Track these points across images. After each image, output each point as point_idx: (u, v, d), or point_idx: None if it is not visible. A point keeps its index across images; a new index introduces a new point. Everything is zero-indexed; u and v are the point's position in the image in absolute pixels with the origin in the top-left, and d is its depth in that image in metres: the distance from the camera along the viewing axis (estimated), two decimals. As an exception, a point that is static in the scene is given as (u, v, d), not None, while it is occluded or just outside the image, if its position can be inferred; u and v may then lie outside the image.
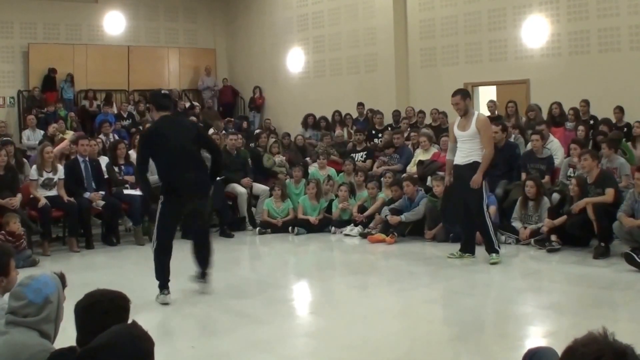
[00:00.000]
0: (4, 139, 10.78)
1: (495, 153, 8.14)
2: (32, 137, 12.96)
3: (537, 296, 6.11)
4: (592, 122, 10.76)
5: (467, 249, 7.49)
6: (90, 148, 9.11)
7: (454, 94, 7.31)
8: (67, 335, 2.78)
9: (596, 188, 7.56)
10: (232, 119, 16.51)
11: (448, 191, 7.71)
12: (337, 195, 9.79)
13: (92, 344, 2.30)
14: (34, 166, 8.56)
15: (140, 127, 14.13)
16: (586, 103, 11.01)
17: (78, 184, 8.75)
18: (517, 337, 4.87)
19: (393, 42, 14.62)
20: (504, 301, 5.94)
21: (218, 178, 9.61)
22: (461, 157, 7.27)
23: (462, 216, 7.51)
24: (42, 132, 13.18)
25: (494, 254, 7.22)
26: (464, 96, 7.25)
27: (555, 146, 9.44)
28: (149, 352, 2.30)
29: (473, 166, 7.17)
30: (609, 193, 7.41)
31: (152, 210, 9.23)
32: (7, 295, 3.06)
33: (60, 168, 8.72)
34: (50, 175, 8.55)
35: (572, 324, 4.96)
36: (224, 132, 13.66)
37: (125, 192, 9.08)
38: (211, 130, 13.92)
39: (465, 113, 7.21)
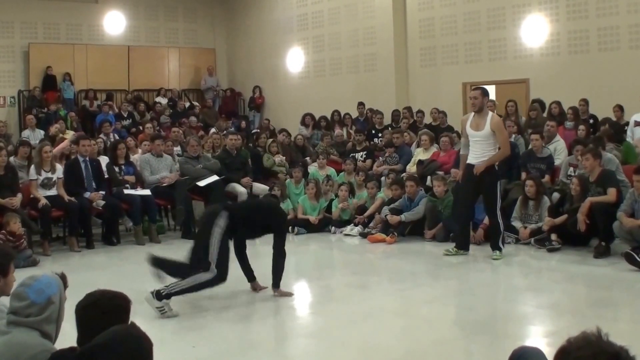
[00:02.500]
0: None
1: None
2: (31, 137, 12.93)
3: (538, 296, 6.11)
4: (591, 121, 10.76)
5: (462, 246, 7.57)
6: (91, 148, 9.11)
7: (476, 88, 7.48)
8: (67, 336, 2.79)
9: (597, 187, 7.56)
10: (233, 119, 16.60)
11: (458, 193, 7.72)
12: (337, 195, 9.79)
13: (90, 344, 2.31)
14: (33, 166, 8.54)
15: (140, 127, 14.16)
16: (585, 102, 11.00)
17: (78, 183, 8.74)
18: (518, 336, 4.87)
19: (392, 41, 14.62)
20: (505, 301, 5.94)
21: (218, 178, 9.67)
22: (474, 158, 7.33)
23: (462, 213, 7.57)
24: (42, 132, 13.18)
25: (497, 252, 7.33)
26: (484, 93, 7.37)
27: (560, 146, 9.36)
28: (148, 352, 2.31)
29: (487, 168, 7.25)
30: (611, 193, 7.41)
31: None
32: (3, 297, 3.07)
33: (59, 167, 8.71)
34: (49, 174, 8.53)
35: (573, 324, 4.96)
36: (224, 132, 13.67)
37: (126, 192, 9.07)
38: (212, 130, 13.94)
39: (480, 110, 7.27)
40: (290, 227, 9.45)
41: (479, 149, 7.28)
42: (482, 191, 7.36)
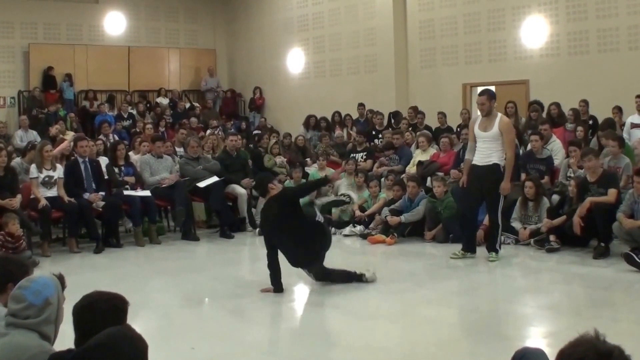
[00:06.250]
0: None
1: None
2: (24, 138, 12.94)
3: (537, 296, 6.12)
4: (591, 122, 10.76)
5: (469, 248, 7.53)
6: (90, 149, 9.10)
7: (481, 94, 7.38)
8: (66, 336, 2.79)
9: (598, 187, 7.55)
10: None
11: (465, 194, 7.60)
12: (337, 195, 9.78)
13: (85, 345, 2.31)
14: (33, 164, 8.53)
15: (136, 129, 14.13)
16: (585, 103, 11.00)
17: (78, 184, 8.72)
18: (518, 337, 4.87)
19: (393, 42, 14.63)
20: (504, 301, 5.94)
21: (218, 179, 9.67)
22: (480, 158, 7.27)
23: (468, 215, 7.56)
24: (34, 132, 13.20)
25: (493, 253, 7.31)
26: (490, 97, 7.27)
27: (556, 147, 9.41)
28: (142, 353, 2.31)
29: (493, 168, 7.20)
30: (612, 193, 7.40)
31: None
32: None
33: (60, 167, 8.70)
34: (50, 172, 8.51)
35: (572, 324, 4.96)
36: (220, 131, 13.67)
37: (125, 192, 9.06)
38: (209, 131, 13.94)
39: (489, 114, 7.22)
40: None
41: (486, 149, 7.22)
42: (486, 190, 7.28)
